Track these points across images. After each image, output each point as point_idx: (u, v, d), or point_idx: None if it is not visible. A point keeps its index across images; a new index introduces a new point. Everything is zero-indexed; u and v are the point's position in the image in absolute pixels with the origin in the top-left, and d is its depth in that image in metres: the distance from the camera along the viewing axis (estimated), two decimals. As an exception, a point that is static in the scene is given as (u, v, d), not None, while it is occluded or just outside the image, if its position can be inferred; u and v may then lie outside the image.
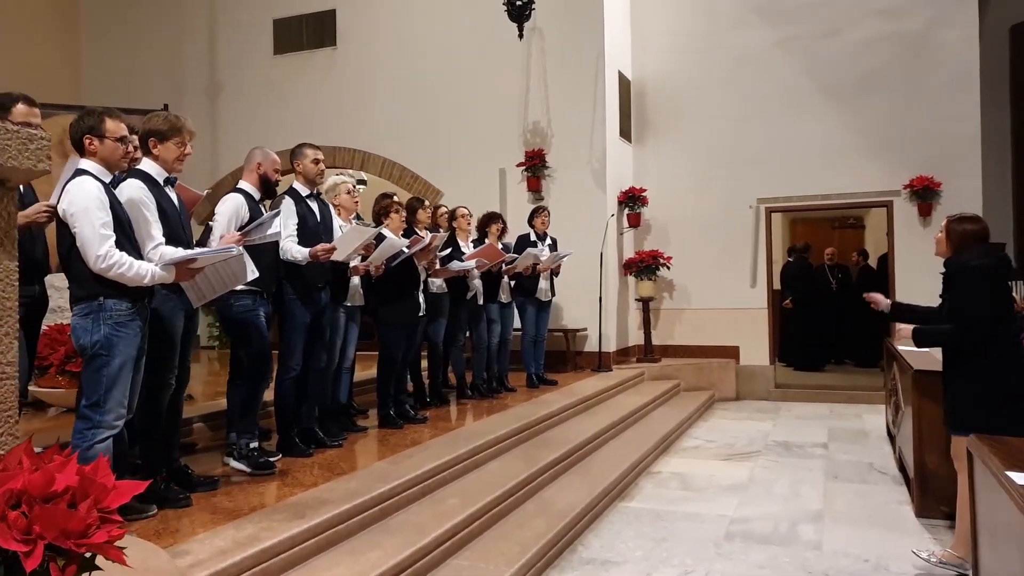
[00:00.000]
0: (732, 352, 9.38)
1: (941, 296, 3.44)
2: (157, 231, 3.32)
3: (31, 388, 5.21)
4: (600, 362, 8.56)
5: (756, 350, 9.32)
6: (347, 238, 4.41)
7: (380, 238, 4.91)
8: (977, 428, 2.92)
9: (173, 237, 3.41)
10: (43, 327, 4.08)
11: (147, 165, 3.48)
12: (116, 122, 3.07)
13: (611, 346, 8.85)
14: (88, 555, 1.66)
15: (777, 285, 10.04)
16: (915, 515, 4.57)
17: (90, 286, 2.89)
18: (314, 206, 4.54)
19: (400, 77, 9.49)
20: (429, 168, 9.36)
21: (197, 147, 10.46)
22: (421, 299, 5.43)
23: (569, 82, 8.86)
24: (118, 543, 1.71)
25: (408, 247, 5.11)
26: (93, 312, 2.90)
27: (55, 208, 2.95)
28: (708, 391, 8.92)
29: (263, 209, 4.17)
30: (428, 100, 9.35)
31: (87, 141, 3.01)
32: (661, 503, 4.97)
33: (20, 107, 3.37)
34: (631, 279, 9.37)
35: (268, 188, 4.23)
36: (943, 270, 3.49)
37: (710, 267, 9.39)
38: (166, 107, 10.30)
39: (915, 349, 4.49)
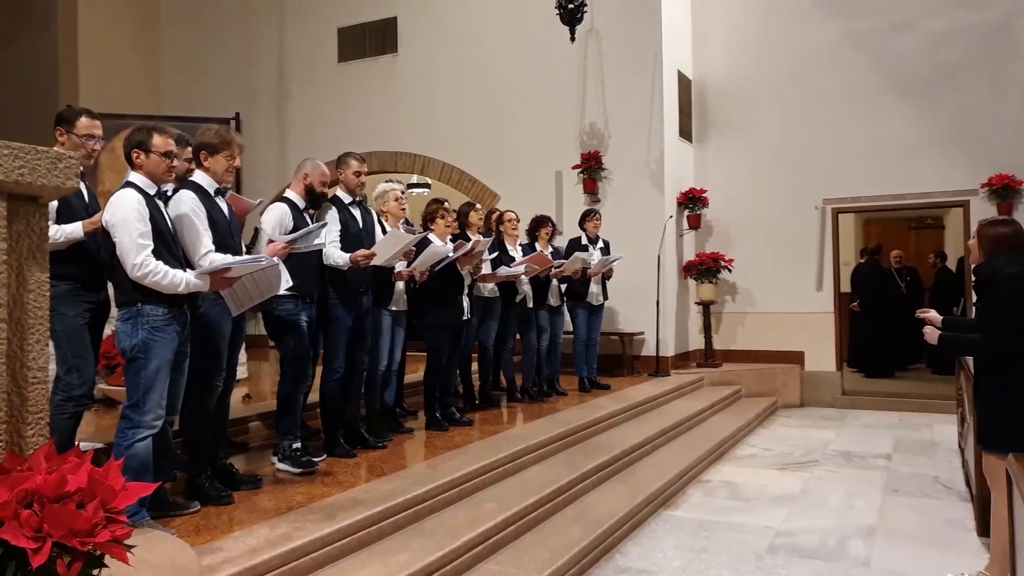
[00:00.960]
0: (797, 357, 9.12)
1: (975, 305, 3.26)
2: (208, 239, 3.47)
3: (101, 386, 5.51)
4: (658, 367, 8.44)
5: (822, 355, 9.03)
6: (385, 243, 4.49)
7: (423, 243, 4.98)
8: (1013, 447, 2.76)
9: (222, 245, 3.54)
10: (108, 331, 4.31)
11: (199, 177, 3.64)
12: (163, 138, 3.22)
13: (669, 350, 8.73)
14: (98, 553, 1.75)
15: (846, 288, 9.72)
16: (977, 534, 4.34)
17: (130, 292, 3.05)
18: (356, 213, 4.64)
19: (459, 82, 9.60)
20: (486, 171, 9.43)
21: (266, 153, 10.85)
22: (465, 303, 5.48)
23: (626, 83, 8.79)
24: (127, 541, 1.79)
25: (451, 252, 5.17)
26: (132, 317, 3.05)
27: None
28: (770, 397, 8.69)
29: (307, 218, 4.29)
30: (486, 104, 9.43)
31: (135, 155, 3.17)
32: (707, 513, 4.88)
33: (83, 120, 3.54)
34: (691, 282, 9.22)
35: (314, 198, 4.35)
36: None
37: (774, 270, 9.15)
38: (238, 116, 10.77)
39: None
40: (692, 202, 9.16)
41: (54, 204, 3.21)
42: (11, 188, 2.01)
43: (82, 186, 3.47)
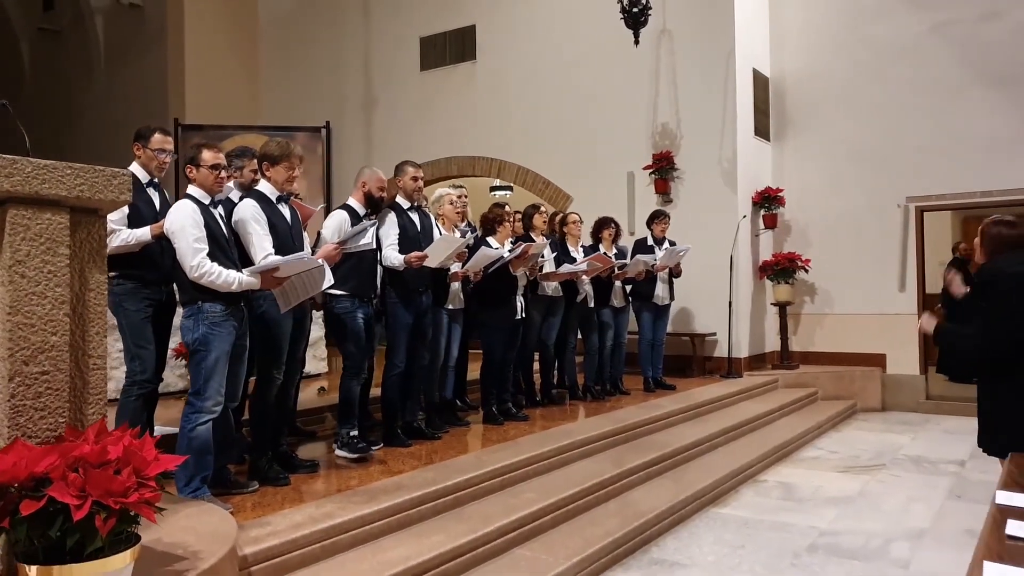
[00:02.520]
0: (878, 360, 8.86)
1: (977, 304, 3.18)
2: (267, 243, 3.81)
3: (176, 376, 6.06)
4: (730, 368, 8.40)
5: (905, 358, 8.73)
6: (437, 246, 4.75)
7: (476, 246, 5.23)
8: (1008, 449, 2.72)
9: (284, 248, 3.88)
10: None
11: (262, 185, 4.01)
12: (212, 152, 3.58)
13: (743, 351, 8.66)
14: (131, 513, 2.06)
15: (932, 288, 9.32)
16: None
17: (191, 292, 3.42)
18: (415, 217, 4.93)
19: (533, 86, 9.82)
20: (560, 174, 9.61)
21: (355, 160, 11.31)
22: (519, 303, 5.69)
23: (699, 83, 8.78)
24: (157, 504, 2.10)
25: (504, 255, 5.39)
26: (194, 314, 3.42)
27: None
28: (848, 400, 8.48)
29: (362, 220, 4.61)
30: (560, 108, 9.61)
31: (188, 170, 3.55)
32: (755, 512, 4.91)
33: (156, 136, 3.96)
34: (767, 283, 9.10)
35: (373, 204, 4.66)
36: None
37: (854, 270, 8.92)
38: (328, 124, 11.36)
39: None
40: (768, 201, 9.04)
41: (125, 210, 3.63)
42: (73, 202, 2.36)
43: (154, 194, 3.90)
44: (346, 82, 11.48)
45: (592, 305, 6.70)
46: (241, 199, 3.97)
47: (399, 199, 4.97)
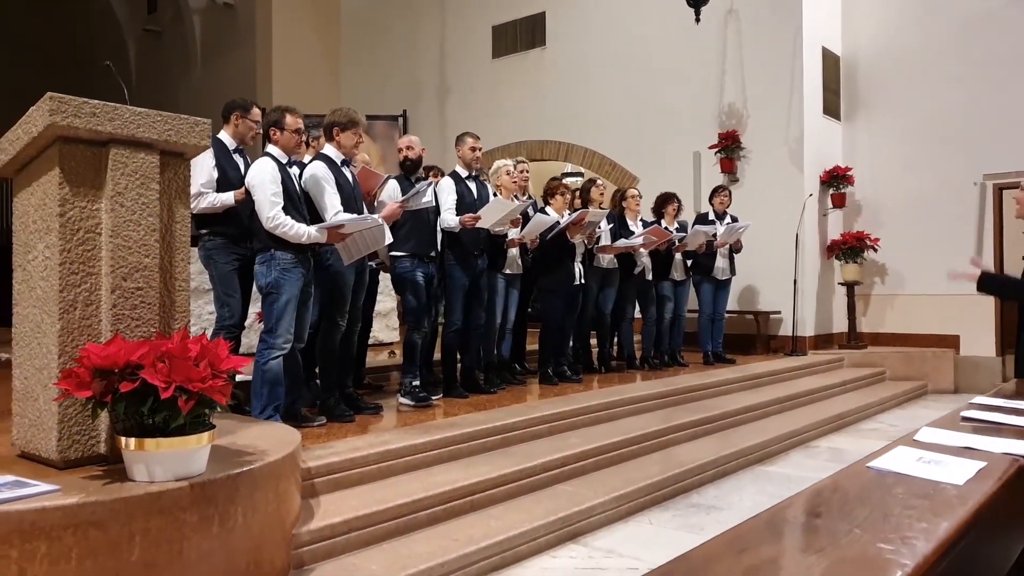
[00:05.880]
0: (952, 341, 8.68)
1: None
2: (335, 200, 4.20)
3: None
4: (794, 346, 8.41)
5: (980, 340, 8.54)
6: (490, 210, 5.06)
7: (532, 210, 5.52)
8: None
9: (347, 207, 4.27)
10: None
11: (328, 150, 4.41)
12: (294, 117, 3.99)
13: (807, 330, 8.65)
14: (208, 399, 2.44)
15: (1010, 268, 9.05)
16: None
17: (265, 240, 3.83)
18: (472, 186, 5.26)
19: (601, 69, 10.02)
20: (626, 155, 9.78)
21: (429, 146, 11.68)
22: (578, 269, 5.94)
23: (765, 62, 8.80)
24: (227, 392, 2.47)
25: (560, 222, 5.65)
26: (267, 261, 3.83)
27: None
28: (918, 381, 8.36)
29: (413, 185, 4.92)
30: (626, 90, 9.78)
31: (272, 132, 3.96)
32: (801, 470, 5.02)
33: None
34: (836, 262, 9.04)
35: (407, 167, 4.99)
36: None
37: (927, 250, 8.76)
38: (405, 112, 11.85)
39: None
40: (836, 180, 8.98)
41: (214, 174, 4.08)
42: (163, 145, 2.77)
43: (239, 160, 4.33)
44: (421, 71, 11.94)
45: (650, 278, 6.88)
46: (311, 161, 4.37)
47: (458, 168, 5.31)
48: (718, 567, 1.02)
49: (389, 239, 4.28)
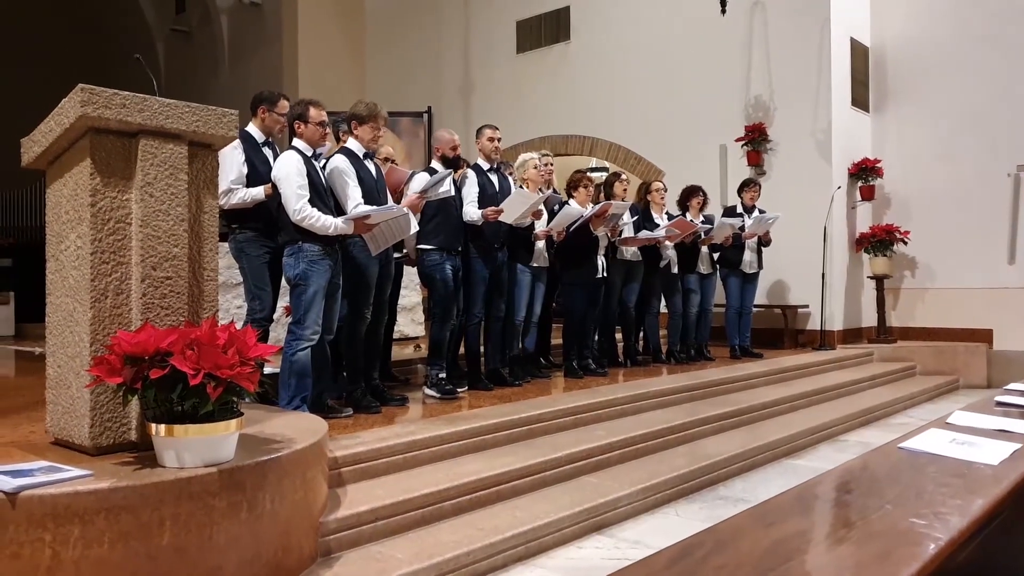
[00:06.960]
0: (984, 336, 8.53)
1: None
2: (356, 192, 4.22)
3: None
4: (822, 340, 8.31)
5: (1015, 334, 8.37)
6: (512, 202, 5.05)
7: (559, 206, 5.50)
8: None
9: (369, 199, 4.28)
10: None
11: (351, 143, 4.43)
12: (318, 110, 4.02)
13: (836, 324, 8.55)
14: (236, 387, 2.47)
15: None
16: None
17: (292, 233, 3.86)
18: (493, 178, 5.27)
19: (625, 63, 9.97)
20: (652, 149, 9.73)
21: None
22: (600, 262, 5.92)
23: (792, 53, 8.70)
24: (256, 381, 2.50)
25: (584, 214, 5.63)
26: (295, 253, 3.86)
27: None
28: (950, 376, 8.23)
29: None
30: (651, 84, 9.72)
31: (296, 125, 4.00)
32: (829, 464, 4.93)
33: (282, 102, 4.43)
34: (864, 256, 8.92)
35: (449, 163, 5.01)
36: None
37: (958, 243, 8.62)
38: (429, 109, 11.88)
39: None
40: (865, 173, 8.86)
41: (244, 170, 4.11)
42: (191, 136, 2.81)
43: (268, 153, 4.37)
44: (446, 67, 11.97)
45: (675, 271, 6.84)
46: (334, 154, 4.40)
47: (479, 160, 5.32)
48: (745, 539, 1.01)
49: (415, 228, 4.30)
